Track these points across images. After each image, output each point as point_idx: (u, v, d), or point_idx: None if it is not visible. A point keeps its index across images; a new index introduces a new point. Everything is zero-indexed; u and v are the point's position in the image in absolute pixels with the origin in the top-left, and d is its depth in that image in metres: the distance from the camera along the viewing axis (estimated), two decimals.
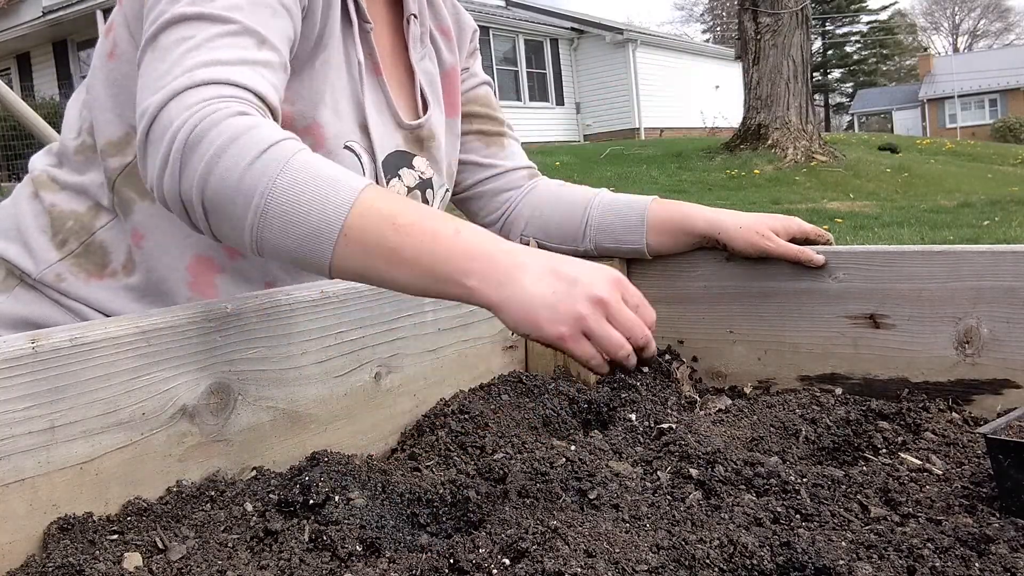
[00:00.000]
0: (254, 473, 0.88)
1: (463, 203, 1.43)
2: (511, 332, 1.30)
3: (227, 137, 0.81)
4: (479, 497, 0.83)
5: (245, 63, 0.89)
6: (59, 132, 1.27)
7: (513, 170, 1.40)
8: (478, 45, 1.42)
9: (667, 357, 1.31)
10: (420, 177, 1.21)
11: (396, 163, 1.18)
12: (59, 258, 1.10)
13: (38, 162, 1.18)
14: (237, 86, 0.86)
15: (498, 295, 0.78)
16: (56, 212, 1.12)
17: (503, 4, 24.04)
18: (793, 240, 1.25)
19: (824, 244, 1.26)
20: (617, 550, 0.68)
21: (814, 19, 36.28)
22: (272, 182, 0.79)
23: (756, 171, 11.15)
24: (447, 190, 1.31)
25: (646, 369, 0.85)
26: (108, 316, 1.09)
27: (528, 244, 1.36)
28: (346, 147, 1.10)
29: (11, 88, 2.81)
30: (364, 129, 1.12)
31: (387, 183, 1.16)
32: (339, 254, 0.79)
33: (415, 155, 1.21)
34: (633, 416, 1.11)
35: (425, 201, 1.23)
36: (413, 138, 1.21)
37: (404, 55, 1.24)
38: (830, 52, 50.20)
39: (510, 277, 0.78)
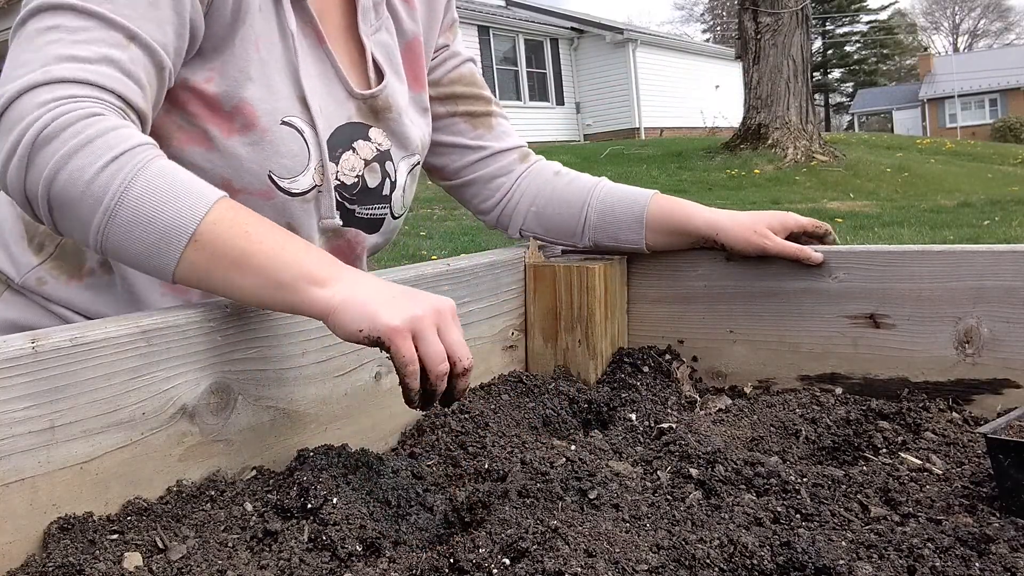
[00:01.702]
0: (254, 473, 0.88)
1: (457, 191, 1.39)
2: (511, 332, 1.30)
3: (82, 139, 0.80)
4: (479, 497, 0.83)
5: (106, 61, 0.86)
6: None
7: (503, 152, 1.35)
8: (456, 18, 1.34)
9: (667, 357, 1.31)
10: (377, 149, 1.15)
11: (349, 135, 1.12)
12: (38, 262, 1.08)
13: None
14: (94, 86, 0.84)
15: (341, 298, 0.81)
16: (28, 217, 1.07)
17: (503, 4, 24.05)
18: (792, 235, 1.25)
19: (823, 235, 1.26)
20: (617, 550, 0.68)
21: (814, 19, 36.30)
22: (124, 185, 0.80)
23: (756, 171, 11.15)
24: (417, 162, 1.24)
25: (417, 408, 0.84)
26: (91, 319, 1.07)
27: (529, 242, 1.35)
28: (284, 123, 1.04)
29: None
30: (304, 102, 1.06)
31: (338, 157, 1.10)
32: (186, 258, 0.81)
33: (371, 126, 1.15)
34: (633, 416, 1.11)
35: (385, 174, 1.17)
36: (368, 108, 1.15)
37: (356, 32, 1.16)
38: (830, 52, 50.20)
39: (353, 284, 0.83)
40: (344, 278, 0.83)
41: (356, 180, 1.11)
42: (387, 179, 1.16)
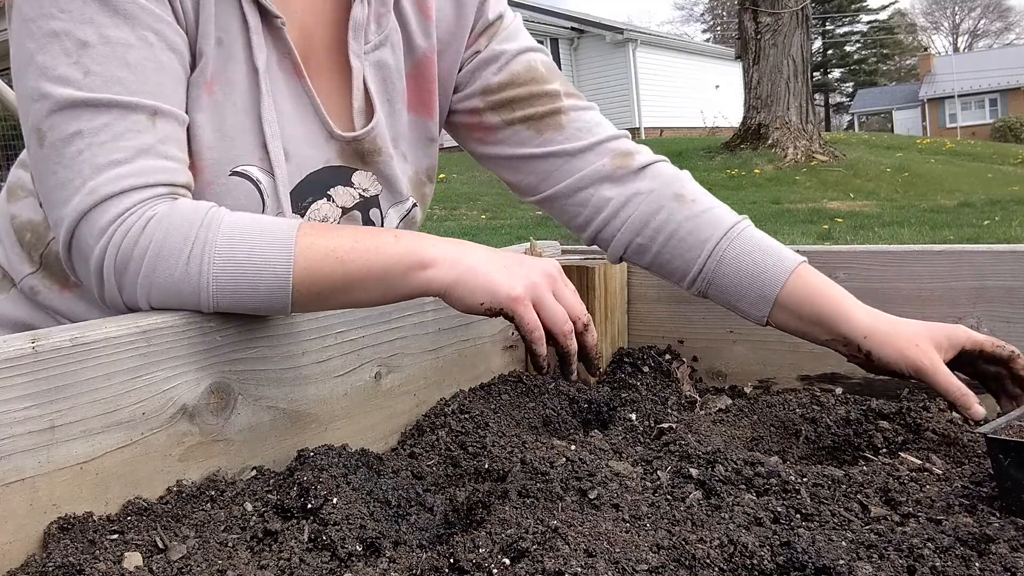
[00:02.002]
0: (254, 473, 0.88)
1: (546, 210, 1.15)
2: (511, 332, 1.30)
3: (154, 248, 0.82)
4: (479, 497, 0.83)
5: (141, 153, 0.84)
6: None
7: (583, 151, 1.09)
8: (494, 18, 1.11)
9: (667, 357, 1.31)
10: (361, 195, 1.04)
11: (326, 181, 1.01)
12: (30, 271, 1.05)
13: (15, 168, 1.10)
14: (139, 189, 0.83)
15: (454, 274, 0.83)
16: (17, 224, 1.06)
17: None
18: (963, 354, 0.99)
19: (1008, 358, 0.98)
20: (617, 550, 0.68)
21: (814, 18, 36.29)
22: (209, 279, 0.82)
23: (756, 171, 11.15)
24: (414, 205, 1.11)
25: (573, 374, 0.85)
26: None
27: (529, 242, 1.34)
28: (234, 173, 0.94)
29: (11, 88, 2.80)
30: (265, 148, 0.95)
31: (306, 207, 1.00)
32: (297, 304, 0.85)
33: (355, 170, 1.04)
34: (633, 416, 1.11)
35: (369, 222, 1.06)
36: (352, 151, 1.03)
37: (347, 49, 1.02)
38: (830, 52, 50.20)
39: (460, 259, 0.84)
40: (449, 253, 0.85)
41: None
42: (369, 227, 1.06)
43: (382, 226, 1.09)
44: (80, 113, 0.83)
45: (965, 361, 0.99)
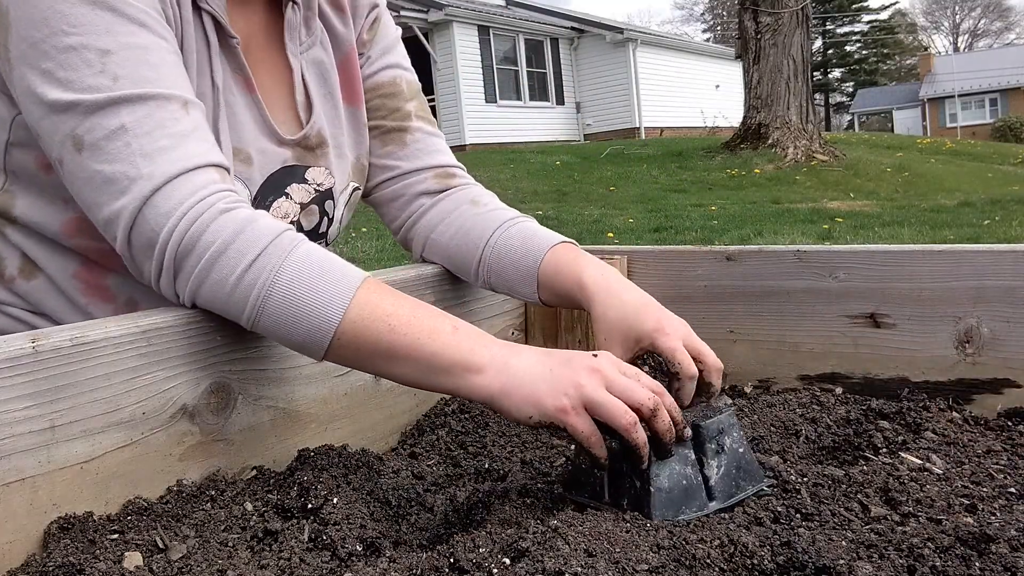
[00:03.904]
0: (254, 473, 0.88)
1: (372, 205, 1.25)
2: (511, 332, 1.30)
3: (215, 250, 0.82)
4: (479, 496, 0.83)
5: (186, 138, 0.85)
6: None
7: (412, 172, 1.19)
8: (380, 17, 1.21)
9: None
10: (316, 190, 1.09)
11: (283, 181, 1.06)
12: None
13: None
14: (196, 170, 0.84)
15: (500, 383, 0.80)
16: None
17: (503, 4, 24.05)
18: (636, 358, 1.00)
19: (673, 372, 0.94)
20: (617, 550, 0.68)
21: (814, 18, 36.29)
22: (260, 301, 0.82)
23: (756, 170, 11.15)
24: (356, 189, 1.17)
25: (643, 462, 0.78)
26: (34, 312, 1.03)
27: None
28: None
29: None
30: (230, 156, 1.00)
31: (269, 205, 1.04)
32: (333, 353, 0.84)
33: (308, 167, 1.09)
34: None
35: (324, 213, 1.11)
36: (303, 149, 1.09)
37: (284, 51, 1.09)
38: (830, 51, 50.22)
39: (508, 365, 0.81)
40: (497, 359, 0.81)
41: (290, 226, 1.00)
42: (324, 218, 1.11)
43: (333, 213, 1.12)
44: (119, 109, 0.83)
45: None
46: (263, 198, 1.05)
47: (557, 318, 1.32)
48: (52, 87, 0.83)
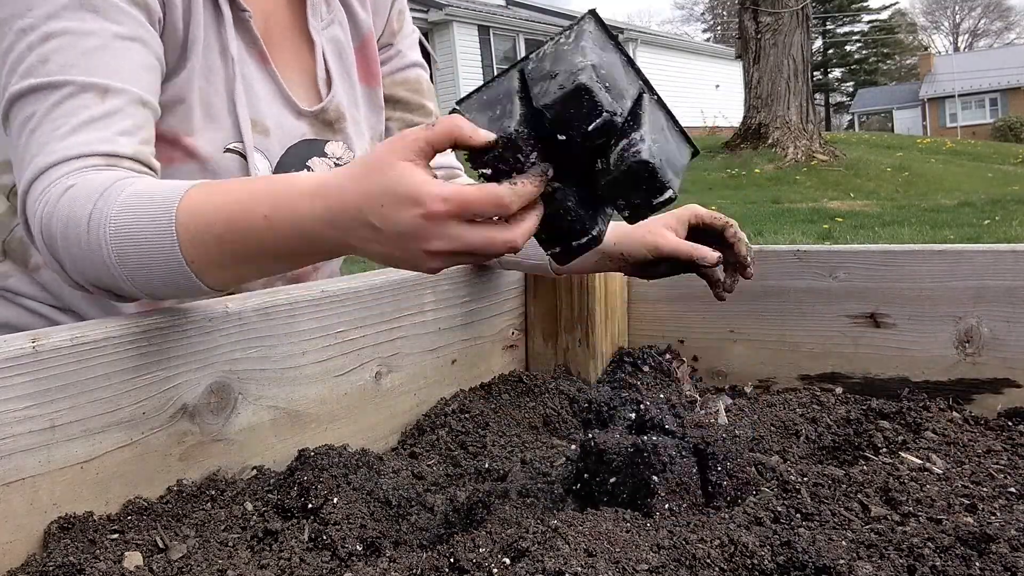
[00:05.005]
0: (254, 473, 0.88)
1: None
2: (511, 332, 1.30)
3: (61, 224, 0.80)
4: (479, 496, 0.83)
5: (85, 126, 0.85)
6: None
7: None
8: (403, 9, 1.27)
9: (667, 356, 1.31)
10: (336, 163, 1.12)
11: (303, 154, 1.10)
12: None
13: None
14: (72, 159, 0.83)
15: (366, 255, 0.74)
16: None
17: (503, 4, 24.05)
18: (694, 231, 1.11)
19: (721, 227, 1.10)
20: (618, 549, 0.68)
21: (815, 18, 36.29)
22: (110, 251, 0.77)
23: (756, 170, 11.15)
24: None
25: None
26: (58, 307, 1.06)
27: None
28: (228, 150, 1.03)
29: None
30: (247, 126, 1.04)
31: None
32: (208, 281, 0.78)
33: (327, 140, 1.12)
34: (633, 416, 1.11)
35: None
36: (320, 123, 1.12)
37: (305, 27, 1.13)
38: (831, 51, 50.19)
39: (350, 248, 0.74)
40: (342, 245, 0.73)
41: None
42: None
43: None
44: (37, 97, 0.86)
45: (701, 239, 1.10)
46: (283, 171, 1.06)
47: (557, 318, 1.32)
48: (3, 68, 0.87)
